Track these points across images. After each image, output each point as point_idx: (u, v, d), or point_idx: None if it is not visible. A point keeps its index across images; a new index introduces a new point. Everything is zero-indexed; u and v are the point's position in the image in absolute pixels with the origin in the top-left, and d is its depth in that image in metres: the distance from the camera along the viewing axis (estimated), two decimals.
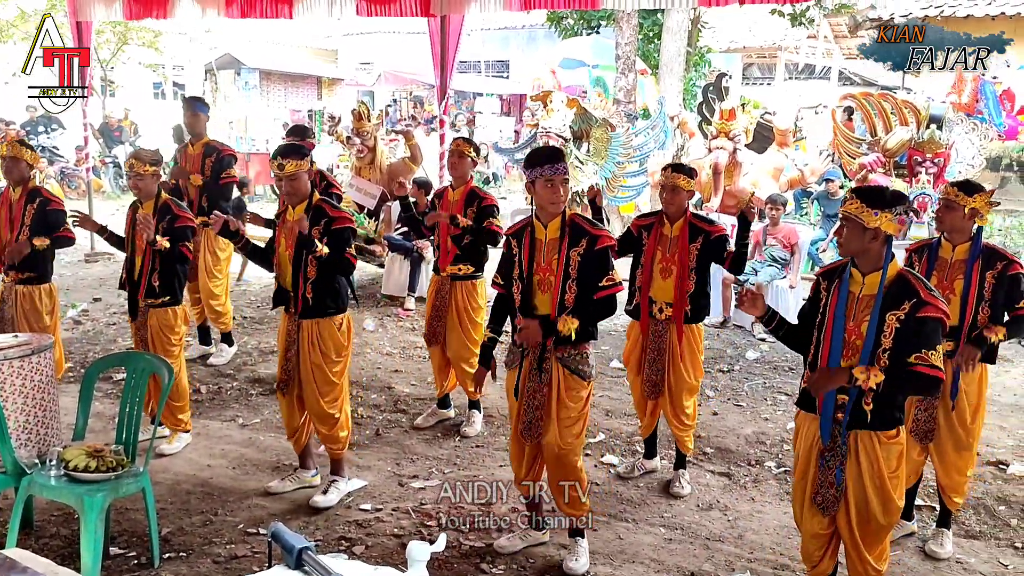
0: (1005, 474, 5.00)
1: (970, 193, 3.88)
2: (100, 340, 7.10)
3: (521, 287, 3.71)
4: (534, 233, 3.70)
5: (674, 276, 4.48)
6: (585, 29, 18.74)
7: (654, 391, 4.63)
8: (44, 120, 16.68)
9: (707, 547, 4.13)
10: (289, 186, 4.23)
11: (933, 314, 2.93)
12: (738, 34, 23.77)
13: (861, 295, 3.06)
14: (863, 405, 3.02)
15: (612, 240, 3.72)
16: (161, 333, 4.87)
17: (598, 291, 3.61)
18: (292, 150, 4.29)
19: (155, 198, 4.85)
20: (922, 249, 4.10)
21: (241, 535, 4.08)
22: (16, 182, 5.27)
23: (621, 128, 9.09)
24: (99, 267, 9.89)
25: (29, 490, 3.59)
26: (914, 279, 3.02)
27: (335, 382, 4.36)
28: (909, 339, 2.94)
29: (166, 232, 4.76)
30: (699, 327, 4.63)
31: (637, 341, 4.69)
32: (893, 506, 3.11)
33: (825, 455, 3.14)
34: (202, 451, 5.09)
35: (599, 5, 6.97)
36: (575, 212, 3.73)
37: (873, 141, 8.11)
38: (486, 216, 5.23)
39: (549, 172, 3.58)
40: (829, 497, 3.15)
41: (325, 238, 4.20)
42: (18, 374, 3.65)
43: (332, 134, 11.68)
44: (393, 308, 8.08)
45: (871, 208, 2.96)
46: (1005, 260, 3.89)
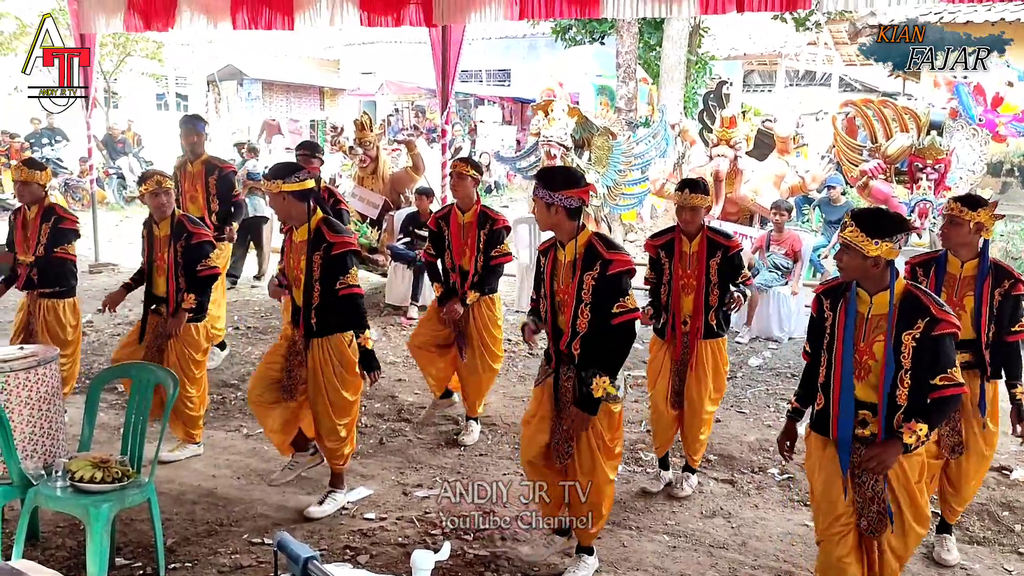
0: (1009, 480, 5.00)
1: (974, 208, 3.86)
2: (105, 351, 7.11)
3: (546, 305, 3.69)
4: (556, 253, 3.67)
5: (695, 292, 4.51)
6: (588, 39, 18.81)
7: (677, 400, 4.63)
8: (48, 132, 16.77)
9: (711, 554, 4.14)
10: (275, 206, 4.18)
11: (948, 330, 2.92)
12: (739, 41, 23.85)
13: (870, 315, 3.03)
14: (895, 429, 3.01)
15: (628, 264, 3.56)
16: (186, 349, 4.91)
17: (613, 317, 3.52)
18: (281, 170, 4.16)
19: (171, 216, 4.88)
20: (928, 263, 4.06)
21: (246, 545, 4.09)
22: (31, 202, 5.32)
23: (622, 136, 9.12)
24: (103, 277, 9.92)
25: (35, 501, 3.60)
26: (923, 295, 2.99)
27: (349, 399, 4.33)
28: (928, 359, 2.94)
29: (184, 251, 4.80)
30: (723, 340, 4.65)
31: (658, 355, 4.68)
32: (924, 514, 3.12)
33: (857, 473, 3.11)
34: (207, 461, 5.10)
35: (599, 14, 6.99)
36: (594, 232, 3.64)
37: (874, 148, 8.13)
38: (497, 242, 5.21)
39: (536, 194, 3.58)
40: (874, 517, 3.09)
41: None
42: (24, 386, 3.67)
43: (335, 144, 11.73)
44: (396, 317, 8.10)
45: (871, 237, 2.92)
46: (1012, 279, 3.89)
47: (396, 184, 9.04)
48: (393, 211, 8.85)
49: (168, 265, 4.82)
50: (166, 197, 4.84)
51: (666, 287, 4.60)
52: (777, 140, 9.51)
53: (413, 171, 8.92)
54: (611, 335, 3.55)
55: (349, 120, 15.76)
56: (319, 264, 4.12)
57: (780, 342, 7.72)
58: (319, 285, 4.14)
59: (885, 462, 2.99)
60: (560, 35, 19.33)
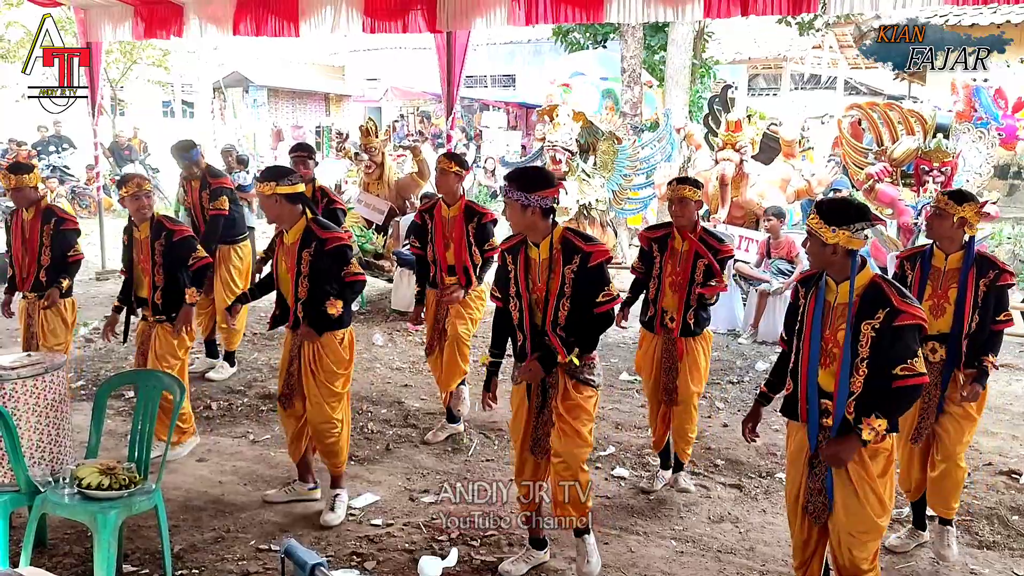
0: (1018, 484, 4.97)
1: (960, 202, 3.91)
2: (112, 357, 7.13)
3: (519, 304, 3.72)
4: (528, 252, 3.70)
5: (679, 290, 4.55)
6: (592, 43, 18.81)
7: (671, 398, 4.66)
8: (55, 139, 16.84)
9: (719, 560, 4.12)
10: (267, 208, 4.24)
11: (910, 321, 2.94)
12: (743, 45, 23.85)
13: (836, 303, 3.09)
14: (846, 415, 3.04)
15: (607, 254, 3.66)
16: (167, 347, 4.93)
17: (597, 306, 3.61)
18: (274, 173, 4.27)
19: (150, 219, 4.90)
20: (914, 257, 4.13)
21: (253, 551, 4.09)
22: (26, 205, 5.31)
23: (627, 141, 9.12)
24: (110, 285, 9.94)
25: (43, 508, 3.60)
26: (887, 286, 3.02)
27: (338, 392, 4.37)
28: (888, 349, 2.96)
29: (166, 250, 4.82)
30: (707, 335, 4.69)
31: (648, 350, 4.73)
32: (884, 508, 3.11)
33: (813, 462, 3.17)
34: (214, 467, 5.11)
35: (603, 19, 7.00)
36: (566, 227, 3.69)
37: (880, 151, 8.11)
38: (486, 236, 5.27)
39: (511, 196, 3.59)
40: (818, 504, 3.17)
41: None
42: (31, 393, 3.67)
43: (340, 150, 11.76)
44: (402, 323, 8.10)
45: (828, 224, 2.99)
46: (997, 269, 3.92)
47: (402, 190, 9.05)
48: (399, 217, 8.86)
49: (148, 265, 4.84)
50: (146, 199, 4.86)
51: (655, 281, 4.63)
52: (783, 144, 9.49)
53: (418, 177, 8.94)
54: (593, 321, 3.64)
55: (354, 126, 15.80)
56: (308, 260, 4.21)
57: None
58: (306, 281, 4.23)
59: (841, 457, 3.03)
60: (561, 38, 19.34)
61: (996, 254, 3.99)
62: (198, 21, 8.46)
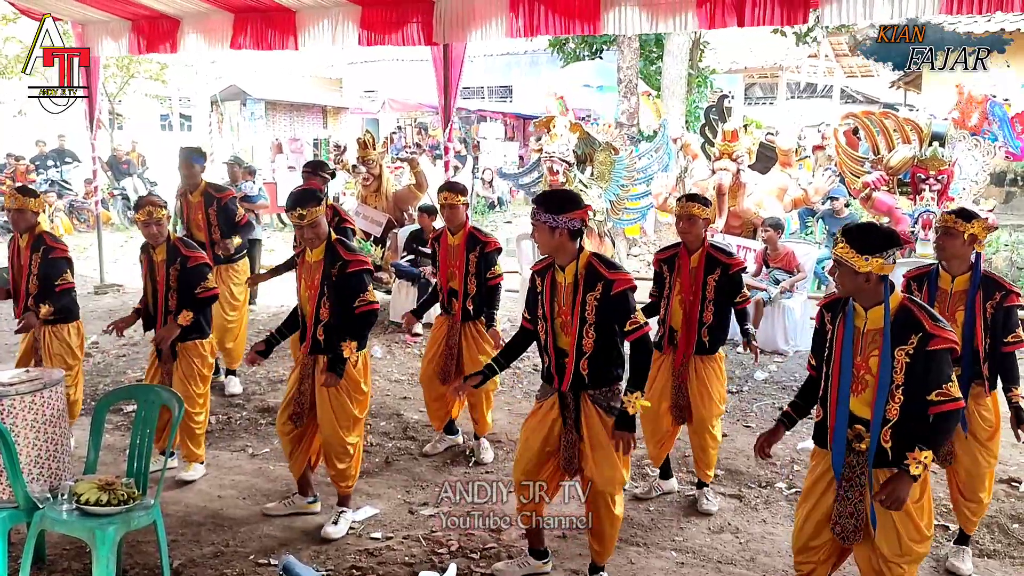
0: (1018, 492, 4.97)
1: (968, 220, 3.90)
2: (110, 372, 7.12)
3: (545, 327, 3.70)
4: (555, 275, 3.67)
5: (689, 307, 4.52)
6: (587, 54, 18.87)
7: (680, 416, 4.65)
8: (55, 154, 16.87)
9: (719, 570, 4.11)
10: (311, 232, 4.25)
11: (943, 346, 2.91)
12: (739, 55, 23.96)
13: (866, 330, 3.04)
14: (882, 443, 3.00)
15: (629, 282, 3.59)
16: (192, 363, 4.94)
17: (627, 335, 3.56)
18: (308, 197, 4.27)
19: (166, 241, 4.90)
20: (921, 278, 4.09)
21: (252, 566, 4.08)
22: (23, 230, 5.30)
23: (624, 151, 9.13)
24: (109, 299, 9.94)
25: (41, 524, 3.60)
26: (918, 309, 2.99)
27: (356, 416, 4.37)
28: (923, 374, 2.93)
29: (179, 276, 4.84)
30: (720, 355, 4.66)
31: (654, 371, 4.66)
32: (924, 534, 3.09)
33: (844, 486, 3.12)
34: (212, 482, 5.09)
35: (600, 31, 7.02)
36: (592, 253, 3.65)
37: (876, 159, 8.13)
38: (489, 265, 5.24)
39: (539, 218, 3.55)
40: (849, 527, 3.12)
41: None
42: (29, 409, 3.67)
43: (338, 163, 11.77)
44: (400, 335, 8.10)
45: (860, 253, 2.94)
46: (1004, 290, 3.91)
47: (399, 202, 9.06)
48: (397, 229, 8.87)
49: (163, 288, 4.85)
50: (157, 227, 4.85)
51: (666, 300, 4.63)
52: (779, 153, 9.51)
53: (416, 189, 8.95)
54: (632, 352, 3.58)
55: (352, 138, 15.82)
56: (332, 284, 4.20)
57: (786, 355, 7.70)
58: (328, 302, 4.22)
59: (900, 498, 2.96)
60: (557, 48, 19.39)
61: (993, 261, 3.98)
62: (196, 35, 8.48)
